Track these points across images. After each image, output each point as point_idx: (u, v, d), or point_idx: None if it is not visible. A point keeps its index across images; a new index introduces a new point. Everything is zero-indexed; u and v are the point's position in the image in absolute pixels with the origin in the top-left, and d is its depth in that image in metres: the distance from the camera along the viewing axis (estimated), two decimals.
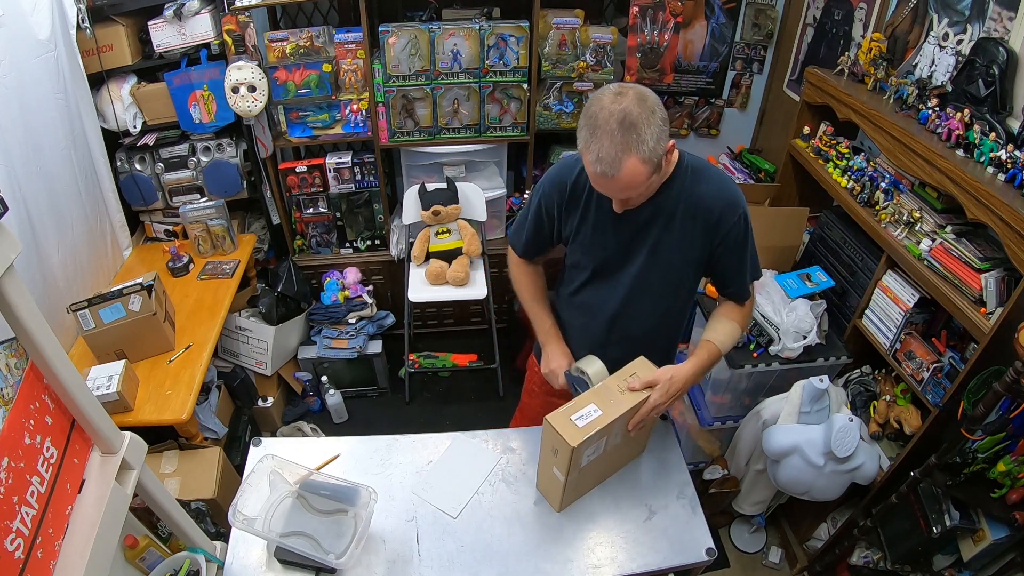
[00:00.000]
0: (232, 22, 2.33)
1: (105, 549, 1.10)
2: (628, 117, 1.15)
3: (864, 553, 2.04)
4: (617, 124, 1.15)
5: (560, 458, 1.33)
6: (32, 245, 1.95)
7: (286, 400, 3.00)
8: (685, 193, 1.36)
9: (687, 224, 1.38)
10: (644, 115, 1.15)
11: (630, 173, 1.17)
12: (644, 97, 1.18)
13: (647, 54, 2.56)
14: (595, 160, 1.18)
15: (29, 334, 0.97)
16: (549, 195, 1.47)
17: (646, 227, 1.40)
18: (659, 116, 1.18)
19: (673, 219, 1.38)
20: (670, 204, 1.37)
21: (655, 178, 1.24)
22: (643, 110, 1.15)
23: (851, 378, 2.07)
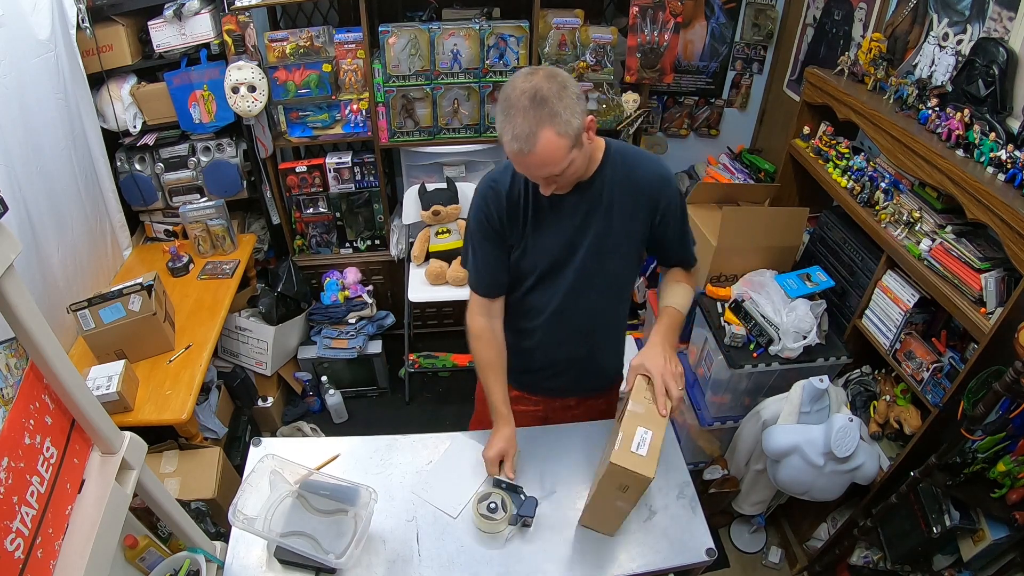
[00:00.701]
0: (232, 22, 2.33)
1: (105, 549, 1.10)
2: (539, 93, 1.15)
3: (864, 553, 2.04)
4: (529, 100, 1.15)
5: (631, 492, 1.28)
6: (32, 245, 1.95)
7: (286, 400, 3.00)
8: (619, 178, 1.38)
9: (627, 208, 1.39)
10: (555, 89, 1.16)
11: (546, 146, 1.17)
12: (554, 74, 1.19)
13: (647, 54, 2.56)
14: (511, 139, 1.18)
15: (29, 334, 0.97)
16: (488, 212, 1.43)
17: (586, 220, 1.40)
18: (571, 91, 1.18)
19: (612, 207, 1.39)
20: (606, 193, 1.38)
21: (576, 155, 1.22)
22: (553, 84, 1.16)
23: (851, 378, 2.07)
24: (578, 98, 1.19)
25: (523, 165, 1.24)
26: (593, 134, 1.28)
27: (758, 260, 2.22)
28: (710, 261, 2.20)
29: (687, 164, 3.30)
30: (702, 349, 2.29)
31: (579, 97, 1.20)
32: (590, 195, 1.38)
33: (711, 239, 2.17)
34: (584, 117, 1.21)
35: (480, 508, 1.39)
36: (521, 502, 1.41)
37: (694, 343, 2.39)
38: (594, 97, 2.63)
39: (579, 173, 1.30)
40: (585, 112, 1.21)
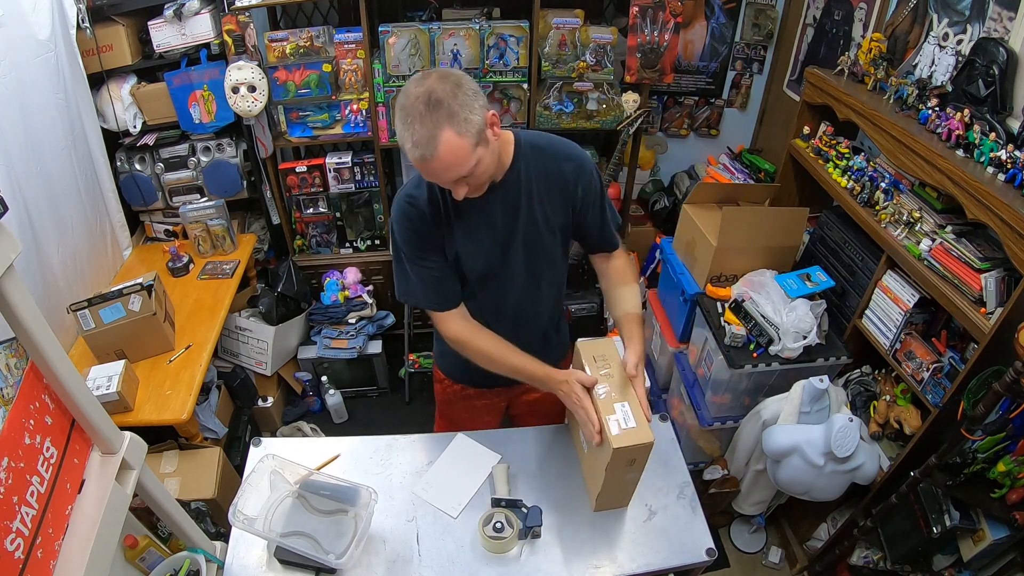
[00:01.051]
0: (232, 22, 2.33)
1: (105, 549, 1.10)
2: (433, 95, 1.12)
3: (864, 553, 2.04)
4: (424, 105, 1.12)
5: (638, 463, 1.33)
6: (32, 245, 1.95)
7: (286, 400, 3.00)
8: (534, 171, 1.36)
9: (545, 198, 1.38)
10: (449, 89, 1.13)
11: (449, 148, 1.14)
12: (446, 74, 1.16)
13: (647, 54, 2.56)
14: (412, 146, 1.15)
15: (29, 334, 0.97)
16: (414, 228, 1.38)
17: (512, 218, 1.38)
18: (466, 88, 1.15)
19: (532, 200, 1.37)
20: (524, 187, 1.36)
21: (482, 152, 1.19)
22: (447, 85, 1.14)
23: (851, 378, 2.07)
24: (475, 94, 1.17)
25: (429, 171, 1.20)
26: (498, 129, 1.24)
27: (758, 260, 2.22)
28: (710, 261, 2.20)
29: (687, 164, 3.30)
30: (702, 349, 2.29)
31: (476, 93, 1.17)
32: (509, 193, 1.36)
33: (711, 239, 2.17)
34: (484, 113, 1.18)
35: (487, 531, 1.37)
36: (525, 514, 1.40)
37: (694, 343, 2.38)
38: (594, 97, 2.63)
39: (490, 172, 1.26)
40: (485, 107, 1.18)
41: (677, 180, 3.27)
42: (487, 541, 1.36)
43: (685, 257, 2.42)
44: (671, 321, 2.55)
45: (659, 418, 1.71)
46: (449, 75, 1.17)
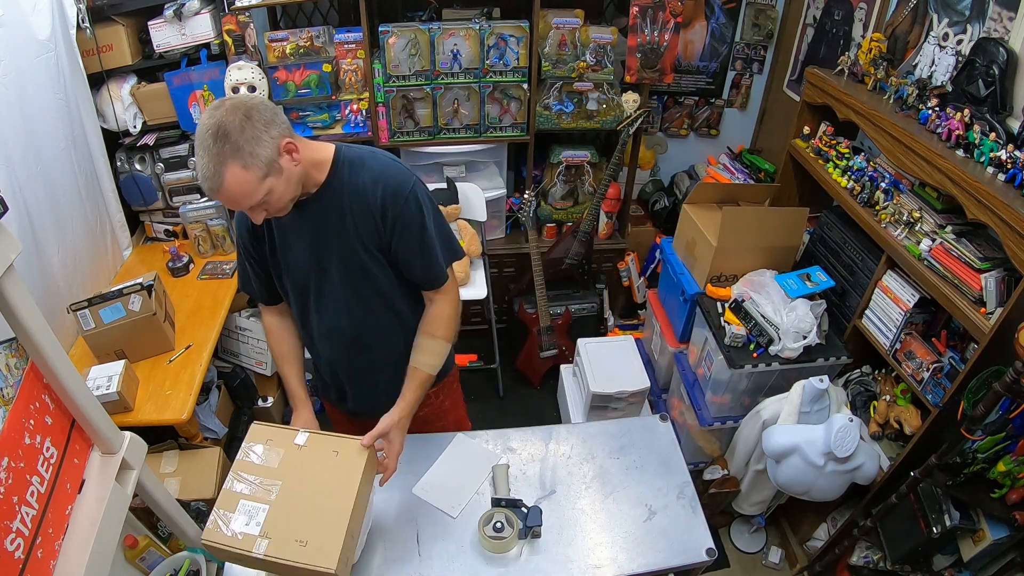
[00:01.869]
0: (232, 22, 2.33)
1: (105, 549, 1.10)
2: (221, 128, 1.12)
3: (864, 553, 2.04)
4: (211, 138, 1.12)
5: None
6: (32, 245, 1.94)
7: (286, 400, 2.99)
8: (346, 188, 1.33)
9: (357, 219, 1.34)
10: (237, 122, 1.12)
11: (235, 182, 1.13)
12: (238, 105, 1.14)
13: (647, 54, 2.56)
14: (202, 179, 1.15)
15: (29, 334, 0.97)
16: (241, 234, 1.44)
17: (326, 234, 1.36)
18: (256, 120, 1.14)
19: (344, 217, 1.34)
20: (335, 203, 1.33)
21: (274, 182, 1.19)
22: (236, 117, 1.13)
23: (851, 378, 2.07)
24: (266, 125, 1.15)
25: (222, 200, 1.19)
26: (298, 155, 1.23)
27: (758, 260, 2.22)
28: (710, 261, 2.20)
29: (687, 164, 3.30)
30: (702, 349, 2.29)
31: (268, 124, 1.16)
32: (322, 208, 1.34)
33: (711, 239, 2.17)
34: (277, 143, 1.17)
35: (487, 531, 1.37)
36: (525, 514, 1.40)
37: (694, 343, 2.39)
38: (594, 97, 2.64)
39: (286, 198, 1.24)
40: (278, 137, 1.17)
41: (677, 180, 3.27)
42: (487, 541, 1.36)
43: (685, 257, 2.42)
44: (671, 321, 2.55)
45: (659, 418, 1.71)
46: (240, 106, 1.15)
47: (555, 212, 3.02)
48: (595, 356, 2.56)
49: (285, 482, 1.20)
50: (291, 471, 1.22)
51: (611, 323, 3.19)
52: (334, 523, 1.14)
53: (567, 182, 2.96)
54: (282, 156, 1.19)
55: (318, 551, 1.11)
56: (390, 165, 1.36)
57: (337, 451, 1.25)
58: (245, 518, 1.15)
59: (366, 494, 1.24)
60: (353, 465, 1.22)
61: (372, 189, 1.32)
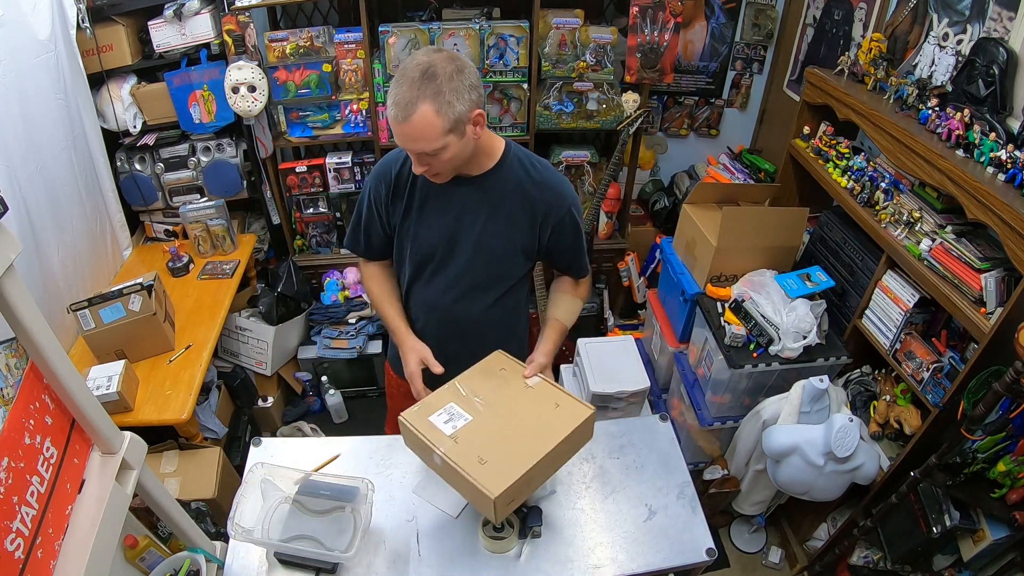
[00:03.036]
0: (232, 22, 2.33)
1: (105, 549, 1.10)
2: (432, 68, 1.15)
3: (864, 553, 2.04)
4: (420, 73, 1.15)
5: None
6: (32, 245, 1.95)
7: (286, 400, 3.00)
8: (513, 182, 1.37)
9: (515, 214, 1.39)
10: (449, 71, 1.15)
11: (422, 120, 1.15)
12: (454, 57, 1.18)
13: (647, 54, 2.56)
14: (391, 104, 1.17)
15: (29, 334, 0.97)
16: (376, 188, 1.46)
17: (471, 213, 1.40)
18: (467, 79, 1.17)
19: (500, 207, 1.38)
20: (497, 192, 1.37)
21: (452, 140, 1.20)
22: (450, 66, 1.16)
23: (851, 378, 2.07)
24: (471, 88, 1.18)
25: (398, 134, 1.21)
26: (481, 129, 1.26)
27: (758, 260, 2.22)
28: (710, 261, 2.20)
29: (687, 164, 3.30)
30: (702, 349, 2.29)
31: (472, 88, 1.19)
32: (479, 191, 1.38)
33: (711, 239, 2.17)
34: (472, 108, 1.20)
35: (487, 531, 1.37)
36: (524, 514, 1.40)
37: (694, 343, 2.38)
38: (594, 97, 2.64)
39: (455, 163, 1.28)
40: (475, 104, 1.20)
41: (677, 180, 3.27)
42: (487, 541, 1.36)
43: (685, 257, 2.42)
44: (671, 321, 2.55)
45: (659, 418, 1.71)
46: (456, 59, 1.18)
47: None
48: (595, 356, 2.56)
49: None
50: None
51: (611, 323, 3.19)
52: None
53: None
54: (470, 123, 1.22)
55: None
56: (560, 177, 1.44)
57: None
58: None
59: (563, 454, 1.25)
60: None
61: (543, 189, 1.39)
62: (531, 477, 1.18)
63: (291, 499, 1.38)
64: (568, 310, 1.58)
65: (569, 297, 1.60)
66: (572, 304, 1.60)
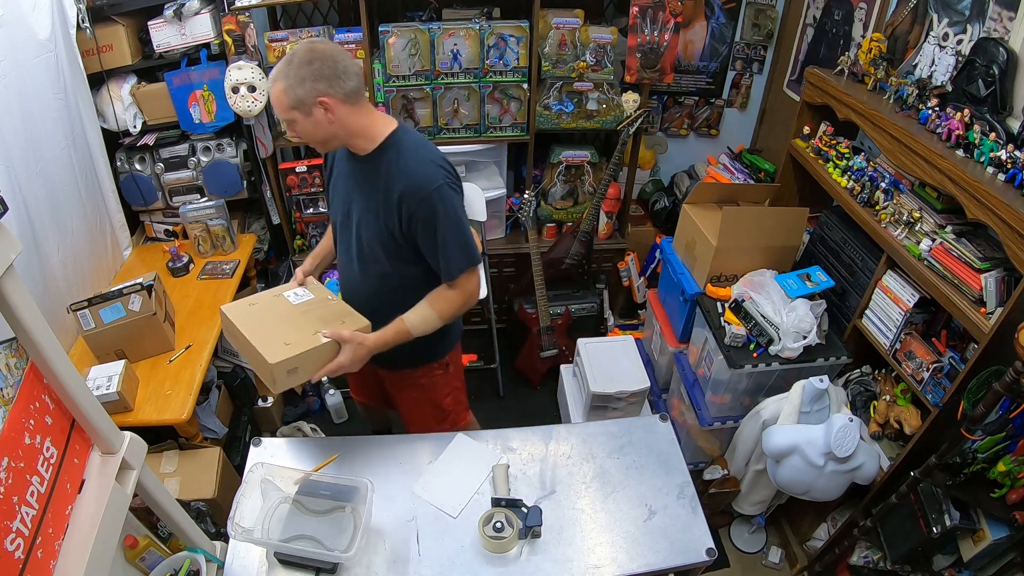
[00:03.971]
0: (232, 22, 2.33)
1: (105, 549, 1.10)
2: (292, 55, 1.39)
3: (864, 553, 2.04)
4: (285, 57, 1.40)
5: None
6: (32, 245, 1.95)
7: (286, 400, 3.00)
8: (386, 165, 1.48)
9: (384, 195, 1.48)
10: (301, 60, 1.37)
11: (274, 93, 1.41)
12: (314, 50, 1.39)
13: (647, 54, 2.56)
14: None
15: (29, 334, 0.97)
16: (326, 156, 1.69)
17: (358, 191, 1.55)
18: (313, 69, 1.37)
19: (377, 188, 1.49)
20: (377, 173, 1.49)
21: (299, 116, 1.41)
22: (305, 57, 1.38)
23: (851, 378, 2.07)
24: (318, 78, 1.37)
25: None
26: (332, 115, 1.41)
27: (758, 260, 2.22)
28: (710, 261, 2.20)
29: (687, 164, 3.30)
30: (702, 349, 2.29)
31: (319, 78, 1.37)
32: (363, 171, 1.52)
33: (711, 239, 2.17)
34: (316, 94, 1.38)
35: (487, 531, 1.37)
36: (525, 514, 1.40)
37: (694, 343, 2.39)
38: (594, 97, 2.64)
39: (311, 137, 1.46)
40: (321, 91, 1.38)
41: (677, 180, 3.27)
42: (487, 541, 1.36)
43: (685, 257, 2.42)
44: (671, 321, 2.55)
45: (659, 418, 1.71)
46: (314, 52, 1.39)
47: (555, 212, 3.02)
48: (595, 356, 2.56)
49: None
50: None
51: (611, 323, 3.19)
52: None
53: (567, 182, 2.96)
54: (316, 106, 1.39)
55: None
56: (427, 161, 1.48)
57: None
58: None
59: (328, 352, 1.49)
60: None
61: (404, 177, 1.46)
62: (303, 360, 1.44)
63: (291, 499, 1.38)
64: (418, 315, 1.56)
65: (425, 304, 1.57)
66: (424, 312, 1.56)
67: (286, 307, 1.60)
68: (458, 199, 1.50)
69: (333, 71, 1.39)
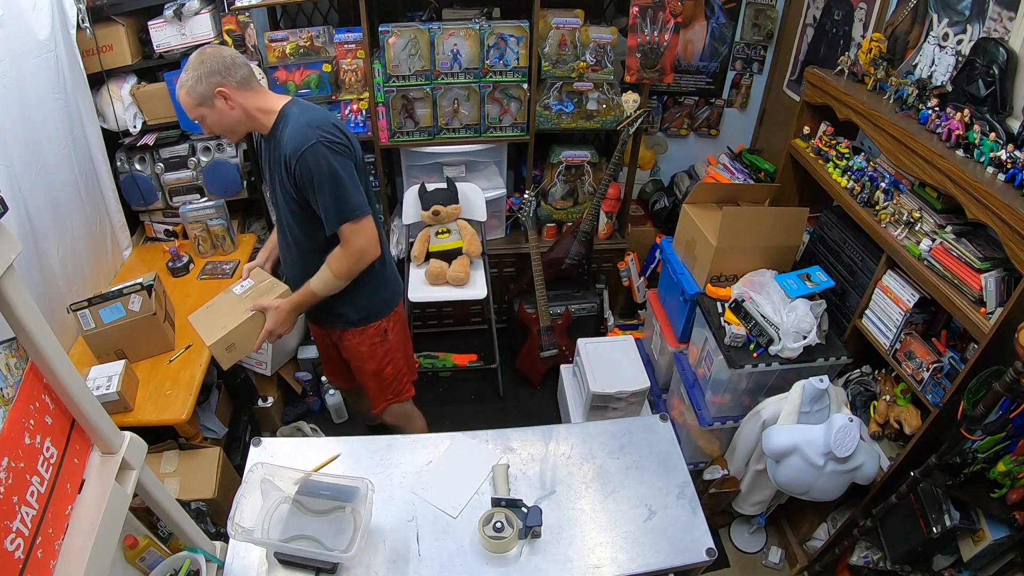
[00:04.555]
0: (232, 22, 2.33)
1: (105, 549, 1.10)
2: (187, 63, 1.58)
3: (864, 553, 2.04)
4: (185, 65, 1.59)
5: None
6: (32, 245, 1.94)
7: (286, 400, 3.00)
8: (279, 136, 1.63)
9: (283, 164, 1.63)
10: (195, 63, 1.57)
11: (181, 98, 1.61)
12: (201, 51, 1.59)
13: (647, 54, 2.56)
14: None
15: (29, 334, 0.97)
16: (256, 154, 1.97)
17: (269, 166, 1.74)
18: (205, 68, 1.55)
19: (278, 159, 1.64)
20: (278, 146, 1.64)
21: (206, 111, 1.60)
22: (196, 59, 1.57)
23: (851, 378, 2.07)
24: (211, 73, 1.55)
25: None
26: (232, 102, 1.59)
27: (758, 260, 2.22)
28: (710, 261, 2.20)
29: (687, 164, 3.30)
30: (702, 349, 2.29)
31: (212, 73, 1.55)
32: (269, 148, 1.70)
33: (711, 239, 2.18)
34: (213, 88, 1.56)
35: (487, 531, 1.37)
36: (525, 514, 1.40)
37: (694, 343, 2.39)
38: (594, 97, 2.64)
39: (222, 127, 1.65)
40: (216, 84, 1.56)
41: (677, 180, 3.27)
42: (487, 541, 1.36)
43: (685, 257, 2.42)
44: (671, 321, 2.55)
45: (659, 418, 1.71)
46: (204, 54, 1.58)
47: (555, 212, 3.02)
48: (595, 356, 2.56)
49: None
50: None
51: (611, 323, 3.19)
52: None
53: (567, 182, 2.96)
54: (216, 98, 1.58)
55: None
56: (301, 126, 1.60)
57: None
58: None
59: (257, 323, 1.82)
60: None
61: (286, 143, 1.60)
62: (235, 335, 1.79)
63: (291, 499, 1.38)
64: (319, 277, 1.74)
65: (324, 266, 1.74)
66: (323, 272, 1.74)
67: (231, 298, 1.88)
68: (335, 157, 1.59)
69: (223, 64, 1.57)
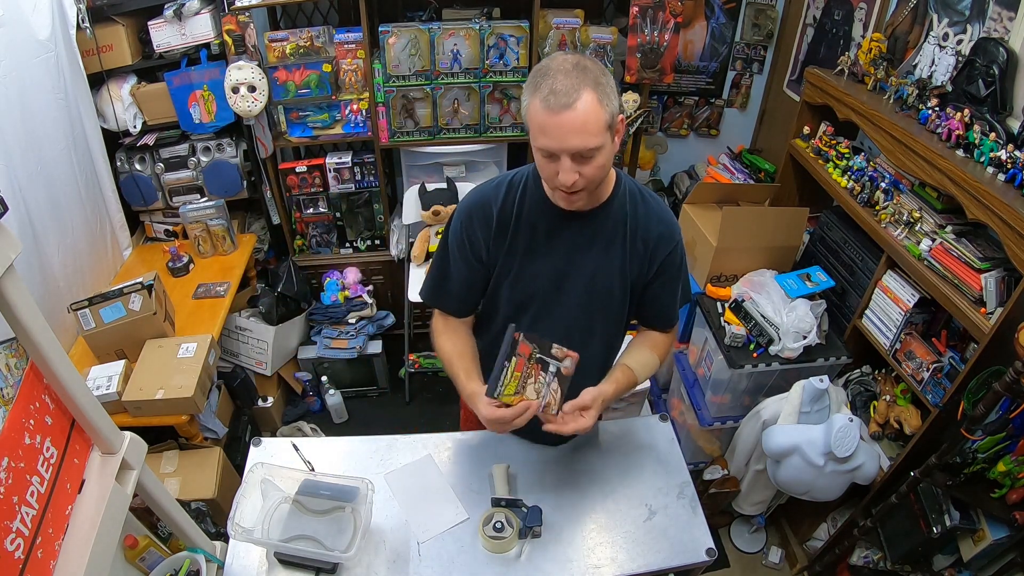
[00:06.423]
0: (232, 22, 2.33)
1: (105, 549, 1.10)
2: (582, 63, 1.08)
3: (864, 553, 2.04)
4: (572, 66, 1.06)
5: None
6: (32, 245, 1.95)
7: (286, 400, 3.00)
8: (625, 214, 1.27)
9: (628, 248, 1.29)
10: (599, 68, 1.09)
11: (586, 107, 1.04)
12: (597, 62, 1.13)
13: (647, 54, 2.56)
14: (550, 94, 1.04)
15: (29, 334, 0.97)
16: (469, 229, 1.29)
17: (583, 251, 1.28)
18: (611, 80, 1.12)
19: (613, 243, 1.28)
20: (610, 226, 1.27)
21: (607, 140, 1.10)
22: (596, 65, 1.10)
23: (851, 378, 2.07)
24: (613, 90, 1.11)
25: (557, 126, 1.06)
26: (619, 141, 1.16)
27: (758, 260, 2.22)
28: (710, 261, 2.20)
29: (687, 164, 3.30)
30: (702, 349, 2.29)
31: (614, 90, 1.12)
32: (591, 226, 1.26)
33: (711, 239, 2.18)
34: (618, 112, 1.12)
35: (487, 531, 1.37)
36: (525, 514, 1.40)
37: (694, 343, 2.39)
38: None
39: (601, 175, 1.15)
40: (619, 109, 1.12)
41: (677, 180, 3.27)
42: (487, 541, 1.36)
43: None
44: None
45: (659, 418, 1.71)
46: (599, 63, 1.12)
47: None
48: None
49: None
50: None
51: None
52: None
53: None
54: (617, 128, 1.12)
55: None
56: (664, 207, 1.33)
57: None
58: None
59: None
60: None
61: (654, 226, 1.28)
62: None
63: (291, 499, 1.38)
64: (642, 362, 1.39)
65: (647, 350, 1.41)
66: (649, 357, 1.40)
67: None
68: None
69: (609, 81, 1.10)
